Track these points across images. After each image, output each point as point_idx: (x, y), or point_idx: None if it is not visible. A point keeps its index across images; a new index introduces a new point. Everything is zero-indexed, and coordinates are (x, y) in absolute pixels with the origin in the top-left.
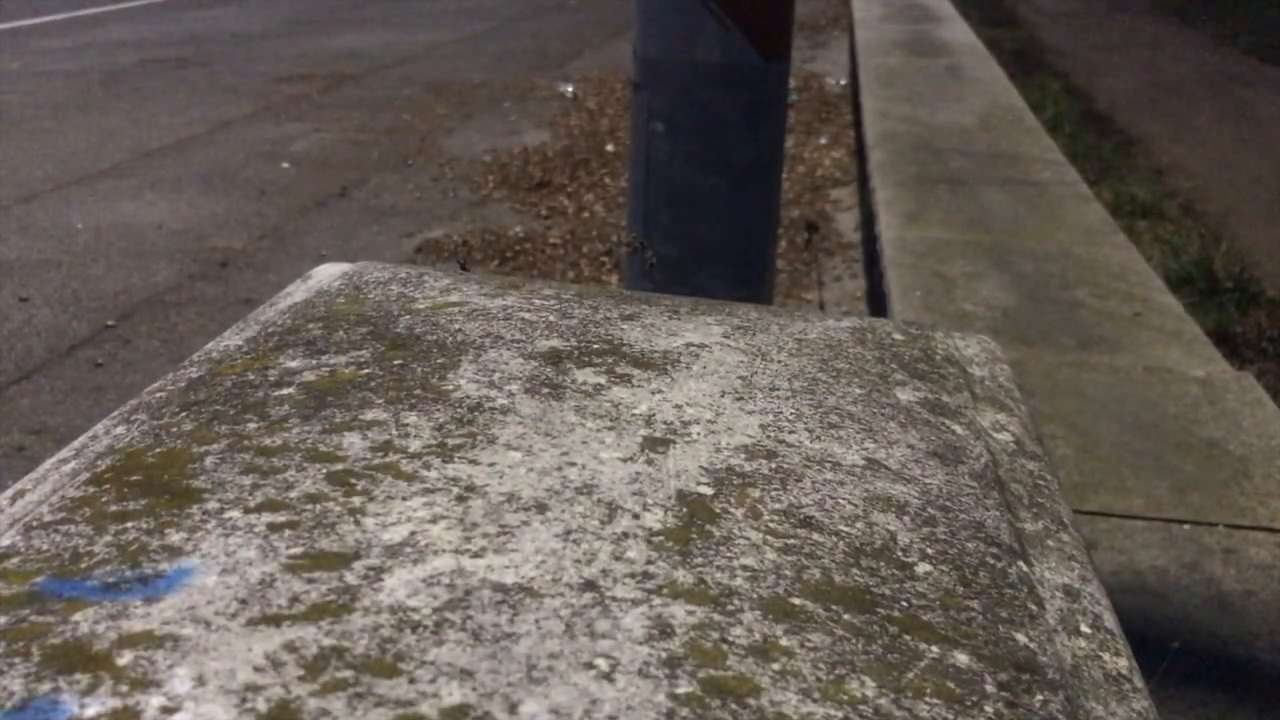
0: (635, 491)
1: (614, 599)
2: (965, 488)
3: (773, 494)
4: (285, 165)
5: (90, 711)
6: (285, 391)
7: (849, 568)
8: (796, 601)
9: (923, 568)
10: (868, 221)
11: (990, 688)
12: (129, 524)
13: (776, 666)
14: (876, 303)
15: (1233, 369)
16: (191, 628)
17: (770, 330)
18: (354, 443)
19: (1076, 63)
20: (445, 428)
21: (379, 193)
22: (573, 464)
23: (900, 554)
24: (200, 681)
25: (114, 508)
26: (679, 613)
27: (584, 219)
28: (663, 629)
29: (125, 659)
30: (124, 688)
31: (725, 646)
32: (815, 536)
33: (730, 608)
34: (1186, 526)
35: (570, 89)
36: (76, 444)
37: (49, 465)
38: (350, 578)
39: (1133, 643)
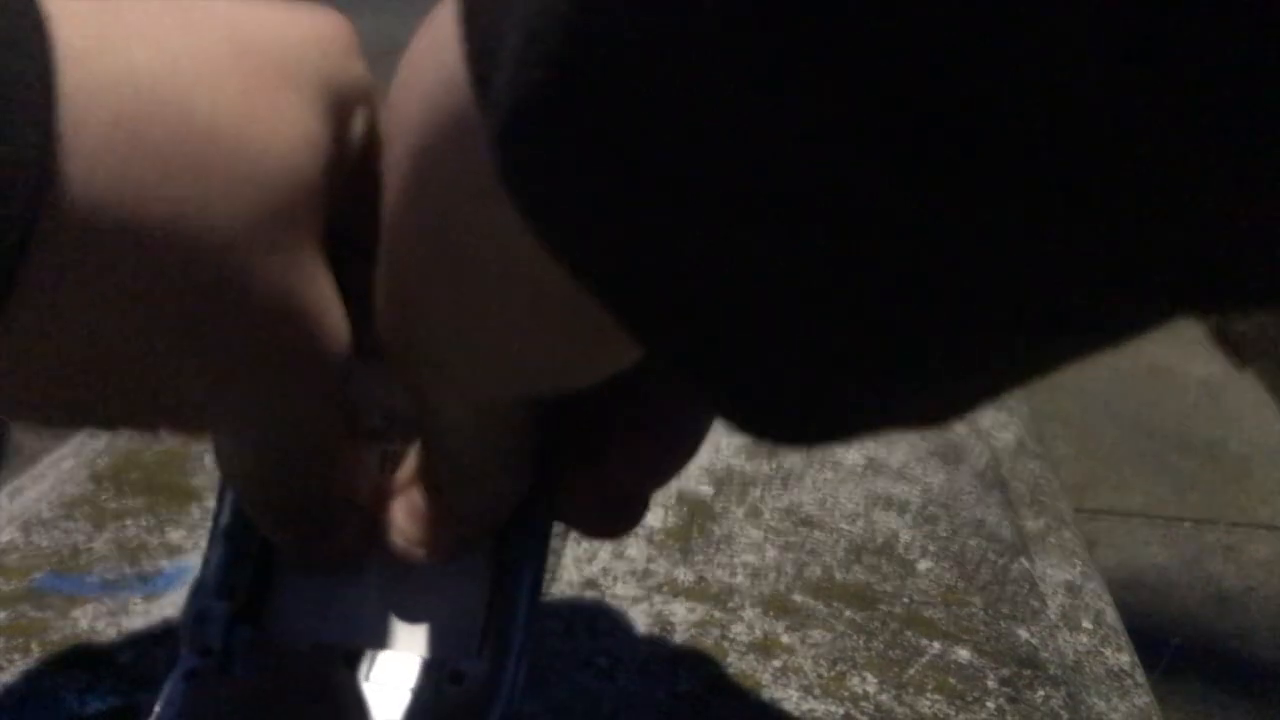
0: None
1: (614, 597)
2: (966, 486)
3: (773, 493)
4: None
5: (90, 709)
6: None
7: (850, 565)
8: (797, 598)
9: (924, 564)
10: None
11: (992, 683)
12: (128, 521)
13: (777, 664)
14: None
15: (1233, 369)
16: None
17: None
18: None
19: None
20: None
21: None
22: None
23: (902, 551)
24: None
25: (113, 505)
26: (679, 610)
27: None
28: (663, 627)
29: (126, 656)
30: (124, 685)
31: (726, 644)
32: (816, 534)
33: (731, 605)
34: (1187, 524)
35: None
36: (75, 441)
37: (48, 463)
38: None
39: (1134, 639)
